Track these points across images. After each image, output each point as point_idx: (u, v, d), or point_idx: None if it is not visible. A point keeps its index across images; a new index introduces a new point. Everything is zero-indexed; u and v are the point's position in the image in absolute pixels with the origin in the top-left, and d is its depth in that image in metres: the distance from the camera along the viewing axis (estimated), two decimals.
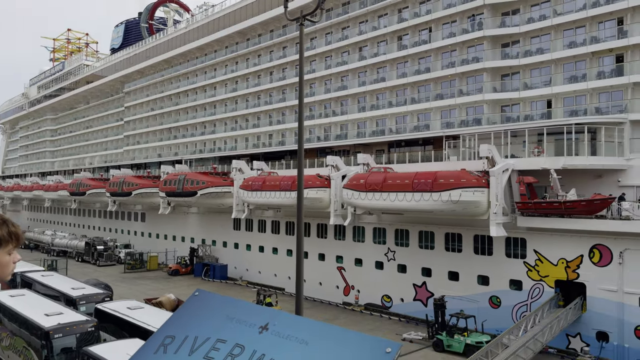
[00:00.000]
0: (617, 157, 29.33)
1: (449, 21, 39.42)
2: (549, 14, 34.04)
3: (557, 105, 33.52)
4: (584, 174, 29.44)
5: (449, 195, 29.81)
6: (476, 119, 36.93)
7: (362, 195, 34.72)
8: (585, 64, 32.47)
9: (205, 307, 2.49)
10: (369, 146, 44.27)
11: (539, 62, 34.35)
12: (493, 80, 36.69)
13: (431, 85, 40.23)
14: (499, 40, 36.72)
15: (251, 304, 2.61)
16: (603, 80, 31.40)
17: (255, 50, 57.15)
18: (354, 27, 46.82)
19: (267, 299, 36.76)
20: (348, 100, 46.79)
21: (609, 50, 31.44)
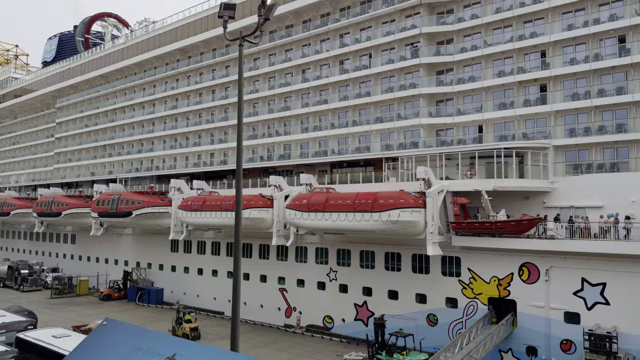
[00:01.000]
0: (542, 180, 31.31)
1: (388, 48, 40.95)
2: (480, 45, 36.22)
3: (487, 131, 35.46)
4: (513, 195, 31.15)
5: (389, 215, 30.50)
6: (414, 142, 38.28)
7: (305, 215, 34.77)
8: (513, 92, 34.70)
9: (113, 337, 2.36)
10: (312, 166, 44.60)
11: (471, 90, 36.33)
12: (429, 106, 38.32)
13: (371, 108, 41.38)
14: (434, 68, 38.53)
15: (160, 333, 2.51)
16: (529, 108, 33.65)
17: (197, 68, 56.44)
18: (297, 49, 47.50)
19: (187, 316, 37.81)
20: (291, 121, 47.08)
21: (534, 80, 33.82)
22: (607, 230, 26.86)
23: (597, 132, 31.00)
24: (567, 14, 33.01)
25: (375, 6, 41.69)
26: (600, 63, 30.95)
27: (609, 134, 30.56)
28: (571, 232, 27.84)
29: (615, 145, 30.34)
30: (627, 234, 25.96)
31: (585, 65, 31.48)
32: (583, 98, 31.64)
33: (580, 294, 27.64)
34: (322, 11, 45.76)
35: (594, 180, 29.85)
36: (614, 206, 28.01)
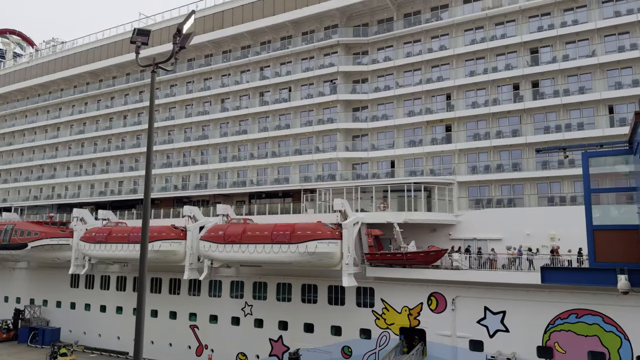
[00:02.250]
0: (448, 213, 33.28)
1: (307, 83, 42.06)
2: (393, 85, 38.41)
3: (399, 166, 37.26)
4: (422, 227, 32.74)
5: (306, 247, 30.59)
6: (331, 174, 39.16)
7: (221, 247, 33.81)
8: (422, 131, 36.95)
9: None
10: (230, 197, 43.81)
11: (384, 127, 38.17)
12: (346, 140, 39.59)
13: (291, 140, 41.88)
14: (350, 105, 40.10)
15: None
16: (436, 146, 35.95)
17: (109, 92, 53.92)
18: (216, 79, 47.20)
19: (62, 350, 37.00)
20: (209, 150, 46.19)
21: (440, 120, 36.34)
22: (512, 261, 28.94)
23: (495, 170, 33.77)
24: (469, 61, 36.15)
25: (295, 43, 42.87)
26: (498, 107, 34.05)
27: (506, 172, 33.40)
28: (480, 264, 29.62)
29: (512, 183, 33.19)
30: (530, 265, 28.09)
31: (485, 108, 34.46)
32: (483, 138, 34.46)
33: (483, 322, 29.28)
34: (242, 43, 46.13)
35: (493, 214, 32.28)
36: (511, 239, 30.40)
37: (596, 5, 32.23)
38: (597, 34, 31.94)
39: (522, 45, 34.13)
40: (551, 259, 27.25)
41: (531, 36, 33.67)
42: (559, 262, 26.93)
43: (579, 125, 31.57)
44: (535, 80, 33.69)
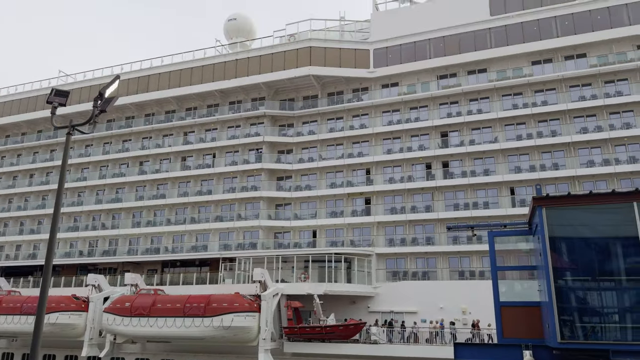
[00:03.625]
0: (367, 285, 33.64)
1: (232, 150, 42.18)
2: (316, 158, 39.62)
3: (320, 236, 37.61)
4: (341, 299, 32.65)
5: (221, 321, 29.10)
6: (252, 243, 38.48)
7: (127, 320, 31.17)
8: (343, 203, 37.97)
9: None
10: (141, 265, 41.22)
11: (307, 197, 38.79)
12: (269, 209, 39.53)
13: (212, 207, 41.01)
14: (275, 174, 40.55)
15: None
16: (356, 218, 36.94)
17: (16, 149, 50.26)
18: (136, 141, 45.90)
19: None
20: (121, 214, 43.79)
21: (360, 193, 37.68)
22: (436, 334, 29.33)
23: (411, 243, 35.13)
24: (387, 140, 38.49)
25: (222, 111, 43.36)
26: (412, 184, 36.11)
27: (420, 245, 34.85)
28: (403, 337, 29.66)
29: (426, 256, 34.57)
30: (453, 338, 28.58)
31: (401, 184, 36.38)
32: (399, 212, 36.04)
33: None
34: (167, 108, 45.81)
35: (409, 287, 33.12)
36: (426, 312, 31.17)
37: (497, 98, 36.27)
38: (499, 122, 35.66)
39: (434, 128, 37.13)
40: (472, 333, 28.05)
41: (441, 121, 36.82)
42: (479, 336, 27.74)
43: (485, 204, 34.16)
44: (446, 160, 36.43)
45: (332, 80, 40.66)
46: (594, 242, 9.83)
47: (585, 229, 9.94)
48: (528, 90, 35.64)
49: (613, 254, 9.70)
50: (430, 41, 38.23)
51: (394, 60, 38.94)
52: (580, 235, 10.00)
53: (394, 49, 39.03)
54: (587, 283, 9.82)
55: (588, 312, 9.70)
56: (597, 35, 33.91)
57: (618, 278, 9.53)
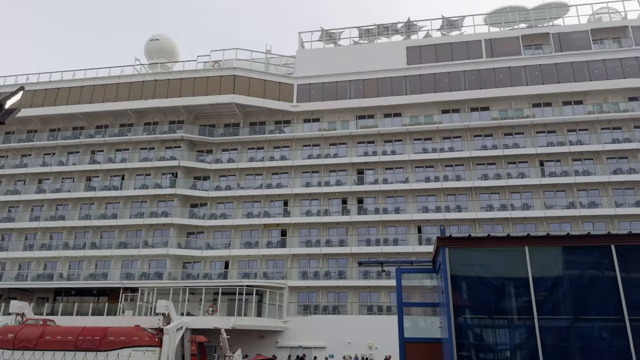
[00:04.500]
0: (277, 319, 33.11)
1: (144, 173, 40.30)
2: (234, 186, 39.01)
3: (233, 267, 36.67)
4: (250, 334, 31.78)
5: (117, 355, 26.94)
6: (158, 272, 36.51)
7: (8, 354, 27.79)
8: (259, 233, 37.51)
9: None
10: (30, 292, 37.37)
11: (221, 226, 37.83)
12: (179, 237, 37.94)
13: (116, 232, 38.54)
14: (189, 200, 39.22)
15: None
16: (271, 249, 36.58)
17: None
18: (37, 156, 42.35)
19: None
20: (12, 235, 39.70)
21: (277, 224, 37.51)
22: None
23: (324, 277, 35.35)
24: (306, 173, 39.00)
25: (136, 131, 41.53)
26: (328, 218, 36.68)
27: (332, 279, 35.18)
28: None
29: (337, 290, 34.92)
30: None
31: (317, 217, 36.78)
32: (314, 245, 36.29)
33: None
34: (75, 124, 42.99)
35: (319, 321, 33.09)
36: (334, 346, 31.22)
37: (410, 141, 38.39)
38: (410, 164, 37.65)
39: (351, 165, 38.34)
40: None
41: (358, 159, 38.15)
42: None
43: (395, 241, 35.50)
44: (361, 197, 37.59)
45: (255, 110, 40.76)
46: (490, 282, 10.54)
47: (483, 269, 10.63)
48: (437, 136, 38.18)
49: (507, 293, 10.45)
50: (351, 82, 39.90)
51: (316, 96, 40.05)
52: (479, 275, 10.66)
53: (317, 86, 40.21)
54: (483, 320, 10.43)
55: (484, 348, 10.27)
56: (499, 91, 37.46)
57: (510, 316, 10.24)
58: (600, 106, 36.40)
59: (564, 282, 10.08)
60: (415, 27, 42.05)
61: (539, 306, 9.82)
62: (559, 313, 9.92)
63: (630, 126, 35.62)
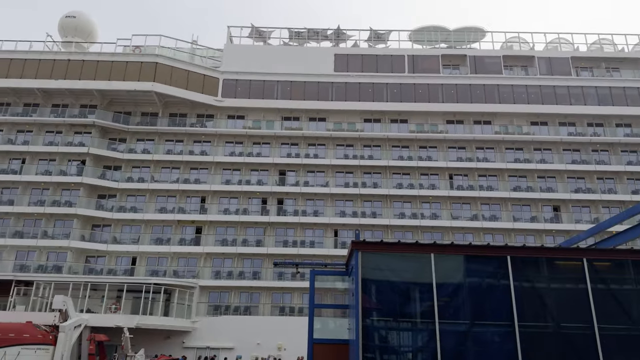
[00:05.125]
0: (185, 319, 32.04)
1: (48, 158, 37.23)
2: (148, 179, 37.24)
3: (141, 263, 34.94)
4: (155, 333, 30.45)
5: (4, 354, 24.51)
6: (57, 265, 33.86)
7: None
8: (172, 230, 36.10)
9: None
10: None
11: (130, 220, 35.93)
12: (83, 229, 35.50)
13: (11, 219, 35.20)
14: (96, 191, 36.82)
15: None
16: (183, 247, 35.37)
17: None
18: None
19: None
20: None
21: (192, 221, 36.35)
22: None
23: (237, 277, 34.82)
24: (227, 170, 38.20)
25: (43, 113, 38.29)
26: (247, 217, 36.22)
27: (247, 279, 34.75)
28: None
29: (250, 291, 34.56)
30: None
31: (235, 216, 36.19)
32: (230, 245, 35.65)
33: None
34: None
35: (228, 322, 32.51)
36: (243, 347, 30.84)
37: (332, 146, 39.06)
38: (331, 169, 38.30)
39: (273, 166, 38.21)
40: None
41: (281, 160, 38.12)
42: None
43: (311, 243, 35.87)
44: (281, 198, 37.57)
45: (176, 101, 39.27)
46: (398, 285, 10.97)
47: (392, 274, 11.04)
48: (359, 143, 39.24)
49: (412, 297, 10.94)
50: (278, 83, 39.83)
51: (242, 93, 39.46)
52: (388, 278, 11.06)
53: (244, 83, 39.64)
54: (389, 323, 10.82)
55: (388, 350, 10.65)
56: (418, 106, 39.31)
57: (414, 320, 10.72)
58: (506, 127, 39.48)
59: (464, 289, 10.75)
60: (345, 35, 42.98)
61: (440, 311, 10.38)
62: (458, 318, 10.55)
63: (531, 148, 38.99)
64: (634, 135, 38.89)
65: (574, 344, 10.04)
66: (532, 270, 10.76)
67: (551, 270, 10.87)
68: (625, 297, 10.48)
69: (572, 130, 39.28)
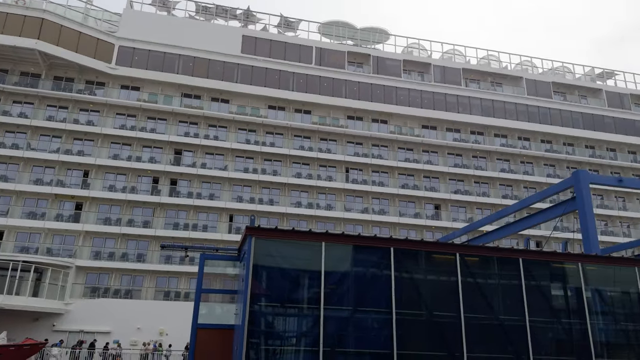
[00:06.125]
0: (57, 301, 29.53)
1: None
2: (23, 146, 33.48)
3: (9, 239, 31.47)
4: (22, 315, 27.73)
5: None
6: None
7: None
8: (47, 204, 32.93)
9: None
10: None
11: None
12: None
13: None
14: None
15: None
16: (60, 223, 32.47)
17: None
18: None
19: None
20: None
21: (72, 196, 33.46)
22: (145, 357, 27.44)
23: (120, 258, 32.83)
24: (115, 144, 35.68)
25: None
26: (135, 196, 34.22)
27: (130, 261, 32.91)
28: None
29: (134, 273, 32.81)
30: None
31: (122, 194, 34.00)
32: (114, 224, 33.45)
33: None
34: None
35: (106, 305, 30.61)
36: (122, 332, 29.26)
37: (234, 130, 38.31)
38: (231, 153, 37.57)
39: (169, 144, 36.48)
40: (184, 355, 27.42)
41: (178, 138, 36.53)
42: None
43: (204, 227, 34.98)
44: (175, 178, 36.06)
45: (63, 64, 35.68)
46: (288, 272, 11.13)
47: (283, 261, 11.17)
48: (261, 129, 38.97)
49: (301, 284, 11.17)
50: (180, 57, 38.00)
51: (139, 63, 37.02)
52: (279, 265, 11.17)
53: (142, 52, 37.19)
54: (277, 309, 10.95)
55: (273, 335, 10.78)
56: (322, 99, 40.00)
57: (301, 306, 10.97)
58: (400, 128, 41.80)
59: (350, 277, 11.22)
60: (254, 17, 42.24)
61: (326, 297, 10.73)
62: (342, 304, 11.00)
63: (420, 149, 41.73)
64: (509, 145, 43.43)
65: (443, 332, 10.99)
66: (412, 262, 11.54)
67: (428, 263, 11.75)
68: (489, 291, 11.70)
69: (457, 137, 42.74)
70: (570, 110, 44.74)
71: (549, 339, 11.35)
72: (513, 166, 42.87)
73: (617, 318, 12.01)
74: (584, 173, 15.99)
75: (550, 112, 44.28)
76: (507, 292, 11.59)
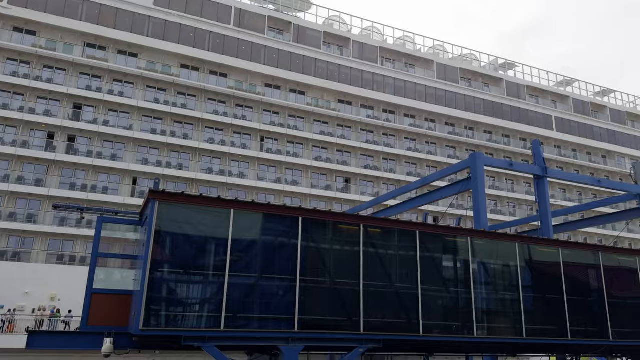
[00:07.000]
0: None
1: None
2: None
3: None
4: None
5: None
6: None
7: None
8: None
9: None
10: None
11: None
12: None
13: None
14: None
15: None
16: None
17: None
18: None
19: None
20: None
21: None
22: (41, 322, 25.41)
23: (7, 218, 30.01)
24: (4, 93, 32.10)
25: None
26: (28, 151, 31.21)
27: (19, 222, 30.21)
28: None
29: (23, 235, 30.20)
30: (67, 326, 25.40)
31: (10, 148, 30.88)
32: (2, 181, 30.35)
33: None
34: None
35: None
36: (6, 296, 26.96)
37: (142, 87, 36.03)
38: (138, 111, 35.41)
39: (67, 96, 33.50)
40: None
41: (77, 91, 33.67)
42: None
43: (105, 189, 32.94)
44: (73, 135, 33.35)
45: None
46: (194, 239, 10.89)
47: (189, 227, 10.89)
48: (172, 89, 37.08)
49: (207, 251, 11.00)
50: (85, 3, 34.68)
51: (36, 4, 33.24)
52: (185, 232, 10.89)
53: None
54: (179, 276, 10.71)
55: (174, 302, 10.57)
56: (239, 63, 38.86)
57: (206, 272, 10.83)
58: (317, 101, 42.04)
59: (257, 245, 11.26)
60: None
61: (232, 264, 10.70)
62: (248, 271, 11.04)
63: (335, 123, 42.38)
64: (416, 126, 45.57)
65: (343, 298, 11.50)
66: (319, 231, 11.84)
67: (334, 233, 12.14)
68: (388, 260, 12.39)
69: (370, 114, 43.95)
70: (473, 97, 47.82)
71: (438, 305, 12.35)
72: (419, 145, 45.17)
73: (497, 288, 13.34)
74: (480, 156, 17.27)
75: (456, 96, 47.00)
76: (404, 262, 12.35)
